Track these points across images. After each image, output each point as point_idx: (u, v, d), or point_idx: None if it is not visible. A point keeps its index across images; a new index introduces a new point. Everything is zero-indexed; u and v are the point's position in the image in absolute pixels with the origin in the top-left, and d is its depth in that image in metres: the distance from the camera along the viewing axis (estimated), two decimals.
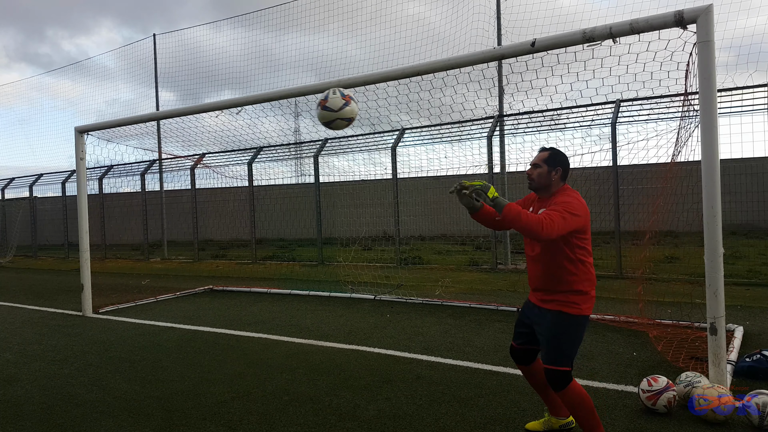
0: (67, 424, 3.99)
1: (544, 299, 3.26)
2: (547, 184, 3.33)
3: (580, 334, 3.19)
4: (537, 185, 3.37)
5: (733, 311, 6.75)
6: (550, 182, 3.32)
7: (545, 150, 3.41)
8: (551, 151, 3.39)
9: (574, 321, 3.16)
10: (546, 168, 3.32)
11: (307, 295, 9.39)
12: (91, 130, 8.66)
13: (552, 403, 3.55)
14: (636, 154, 9.93)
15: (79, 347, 6.28)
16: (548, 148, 3.43)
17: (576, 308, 3.15)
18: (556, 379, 3.12)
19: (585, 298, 3.18)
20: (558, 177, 3.32)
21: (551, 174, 3.31)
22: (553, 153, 3.37)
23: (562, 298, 3.18)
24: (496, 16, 12.15)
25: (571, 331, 3.16)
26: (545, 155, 3.36)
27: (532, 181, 3.38)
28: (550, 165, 3.32)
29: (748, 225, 13.24)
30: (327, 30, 15.86)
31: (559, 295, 3.19)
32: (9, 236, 21.50)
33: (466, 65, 5.71)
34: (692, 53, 4.51)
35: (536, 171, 3.35)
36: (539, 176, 3.34)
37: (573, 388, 3.12)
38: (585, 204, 3.19)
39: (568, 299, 3.16)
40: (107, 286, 10.68)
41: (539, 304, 3.30)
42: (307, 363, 5.30)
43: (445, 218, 14.15)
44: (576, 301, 3.16)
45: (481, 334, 6.20)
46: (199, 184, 16.98)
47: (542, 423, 3.59)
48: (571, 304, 3.15)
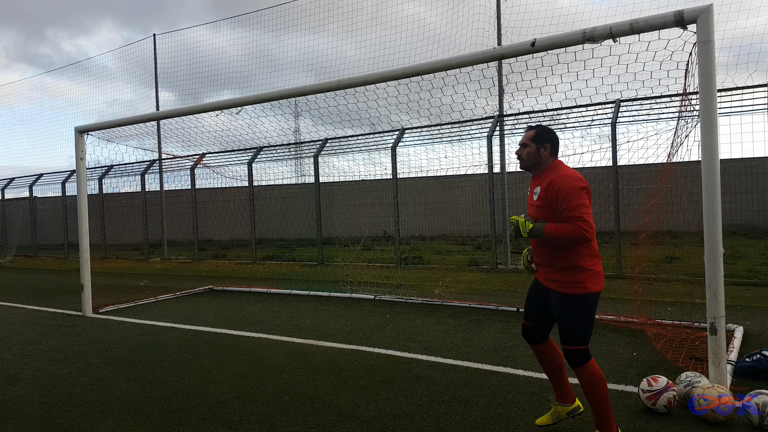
0: (67, 424, 3.99)
1: (549, 278, 3.31)
2: (537, 162, 3.40)
3: (590, 312, 3.22)
4: (527, 164, 3.44)
5: (733, 311, 6.75)
6: (540, 159, 3.39)
7: (531, 128, 3.47)
8: (537, 128, 3.45)
9: (581, 301, 3.18)
10: (534, 146, 3.39)
11: (307, 295, 9.39)
12: (91, 130, 8.66)
13: (560, 389, 3.56)
14: (636, 154, 9.93)
15: (79, 347, 6.28)
16: (534, 126, 3.48)
17: (581, 288, 3.17)
18: (575, 357, 3.18)
19: (588, 275, 3.18)
20: (547, 153, 3.38)
21: (540, 151, 3.38)
22: (539, 130, 3.43)
23: (564, 278, 3.21)
24: (496, 16, 12.14)
25: (580, 311, 3.19)
26: (532, 134, 3.42)
27: (522, 161, 3.46)
28: (537, 143, 3.38)
29: (748, 225, 13.25)
30: (326, 30, 15.90)
31: (560, 274, 3.23)
32: (9, 236, 21.50)
33: (466, 65, 5.71)
34: (692, 53, 4.51)
35: (525, 150, 3.42)
36: (528, 155, 3.41)
37: (591, 366, 3.18)
38: (582, 178, 3.24)
39: (570, 279, 3.19)
40: (107, 286, 10.69)
41: (545, 282, 3.35)
42: (307, 363, 5.30)
43: (445, 218, 14.16)
44: (579, 280, 3.17)
45: (481, 334, 6.20)
46: (199, 184, 17.00)
47: (550, 415, 3.59)
48: (576, 285, 3.17)
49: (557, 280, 3.24)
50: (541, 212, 3.31)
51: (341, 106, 8.70)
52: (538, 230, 3.21)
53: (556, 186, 3.20)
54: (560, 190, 3.18)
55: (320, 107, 8.62)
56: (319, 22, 15.68)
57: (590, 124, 10.84)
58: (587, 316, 3.20)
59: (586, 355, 3.18)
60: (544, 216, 3.29)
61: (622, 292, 7.96)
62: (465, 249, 14.34)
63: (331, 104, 8.60)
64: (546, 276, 3.35)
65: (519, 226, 3.31)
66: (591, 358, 3.20)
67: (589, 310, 3.21)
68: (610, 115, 10.49)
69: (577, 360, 3.18)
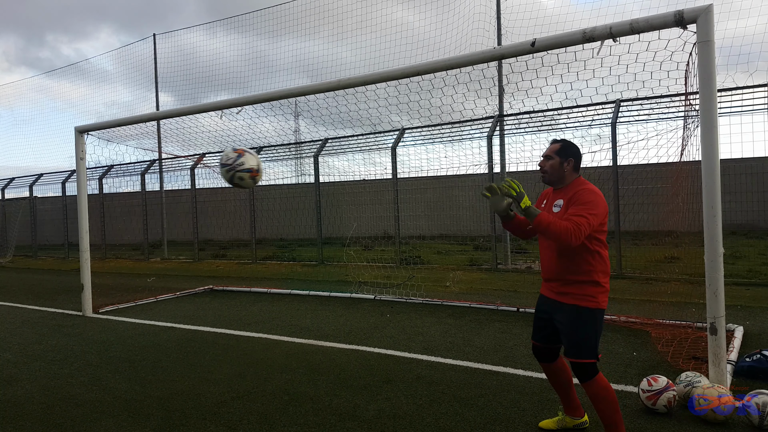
0: (67, 424, 3.99)
1: (560, 291, 3.26)
2: (561, 176, 3.36)
3: (599, 325, 3.21)
4: (550, 177, 3.39)
5: (733, 311, 6.75)
6: (563, 174, 3.35)
7: (557, 142, 3.44)
8: (563, 142, 3.42)
9: (592, 314, 3.17)
10: (558, 159, 3.34)
11: (307, 295, 9.38)
12: (91, 130, 8.66)
13: (569, 403, 3.54)
14: (636, 154, 9.93)
15: (79, 347, 6.28)
16: (560, 140, 3.45)
17: (593, 302, 3.16)
18: (582, 371, 3.15)
19: (600, 290, 3.19)
20: (570, 168, 3.35)
21: (563, 165, 3.34)
22: (564, 144, 3.40)
23: (578, 291, 3.18)
24: (496, 16, 12.14)
25: (590, 324, 3.17)
26: (557, 147, 3.39)
27: (545, 174, 3.40)
28: (561, 156, 3.35)
29: (748, 225, 13.25)
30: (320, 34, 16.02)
31: (574, 287, 3.20)
32: (9, 236, 21.49)
33: (466, 65, 5.71)
34: (692, 53, 4.51)
35: (548, 163, 3.37)
36: (552, 168, 3.36)
37: (599, 380, 3.15)
38: (603, 197, 3.22)
39: (584, 292, 3.17)
40: (107, 286, 10.68)
41: (555, 297, 3.30)
42: (307, 363, 5.30)
43: (445, 218, 14.15)
44: (592, 294, 3.17)
45: (481, 334, 6.20)
46: (199, 184, 16.99)
47: (556, 421, 3.58)
48: (588, 298, 3.16)
49: (570, 292, 3.21)
50: None
51: (341, 106, 8.71)
52: (533, 213, 3.11)
53: (579, 195, 3.18)
54: (581, 196, 3.16)
55: (320, 107, 8.64)
56: (313, 27, 15.81)
57: (590, 125, 10.84)
58: (596, 330, 3.19)
59: (594, 369, 3.15)
60: None
61: (622, 292, 7.97)
62: (465, 249, 14.33)
63: (331, 104, 8.61)
64: (557, 290, 3.29)
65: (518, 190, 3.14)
66: (599, 372, 3.16)
67: (598, 324, 3.20)
68: (610, 115, 10.49)
69: (586, 374, 3.14)
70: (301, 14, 15.79)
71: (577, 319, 3.17)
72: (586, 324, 3.16)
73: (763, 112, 9.13)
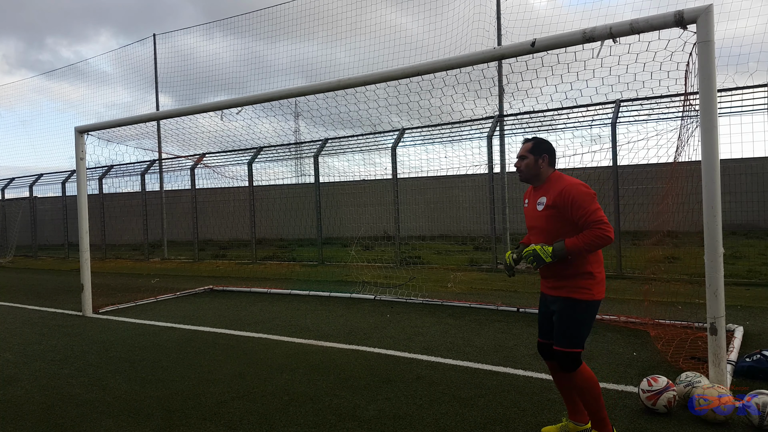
0: (67, 424, 3.99)
1: (556, 286, 3.30)
2: (537, 173, 3.42)
3: (591, 318, 3.25)
4: (527, 176, 3.46)
5: (733, 311, 6.75)
6: (539, 171, 3.41)
7: (528, 141, 3.50)
8: (534, 140, 3.48)
9: (585, 306, 3.21)
10: (532, 157, 3.41)
11: (307, 295, 9.38)
12: (91, 130, 8.66)
13: (573, 405, 3.53)
14: (636, 154, 9.93)
15: (79, 347, 6.28)
16: (531, 138, 3.51)
17: (587, 293, 3.20)
18: (568, 360, 3.20)
19: (595, 281, 3.22)
20: (546, 164, 3.40)
21: (538, 162, 3.40)
22: (536, 142, 3.46)
23: (572, 284, 3.22)
24: (497, 16, 12.15)
25: (583, 316, 3.22)
26: (529, 146, 3.45)
27: (521, 173, 3.47)
28: (535, 154, 3.41)
29: (748, 225, 13.25)
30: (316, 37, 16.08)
31: (569, 280, 3.24)
32: (9, 236, 21.49)
33: (466, 65, 5.71)
34: (692, 53, 4.51)
35: (523, 162, 3.44)
36: (527, 167, 3.43)
37: (583, 370, 3.22)
38: (586, 185, 3.26)
39: (578, 284, 3.21)
40: (107, 286, 10.69)
41: (551, 292, 3.35)
42: (307, 363, 5.30)
43: (445, 218, 14.16)
44: (587, 285, 3.20)
45: (481, 334, 6.20)
46: (199, 184, 17.00)
47: (559, 428, 3.56)
48: (583, 290, 3.20)
49: (565, 285, 3.24)
50: (550, 222, 3.28)
51: (341, 107, 8.70)
52: (561, 249, 3.16)
53: (569, 194, 3.19)
54: (575, 198, 3.18)
55: (320, 107, 8.63)
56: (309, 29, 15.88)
57: (590, 125, 10.84)
58: (588, 322, 3.24)
59: (579, 359, 3.21)
60: (553, 225, 3.26)
61: (622, 292, 7.98)
62: (465, 249, 14.33)
63: (331, 104, 8.60)
64: (553, 285, 3.33)
65: (539, 253, 3.20)
66: (582, 363, 3.23)
67: (591, 316, 3.24)
68: (610, 115, 10.50)
69: (572, 363, 3.20)
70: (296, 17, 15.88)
71: (572, 311, 3.22)
72: (581, 316, 3.21)
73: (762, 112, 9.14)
